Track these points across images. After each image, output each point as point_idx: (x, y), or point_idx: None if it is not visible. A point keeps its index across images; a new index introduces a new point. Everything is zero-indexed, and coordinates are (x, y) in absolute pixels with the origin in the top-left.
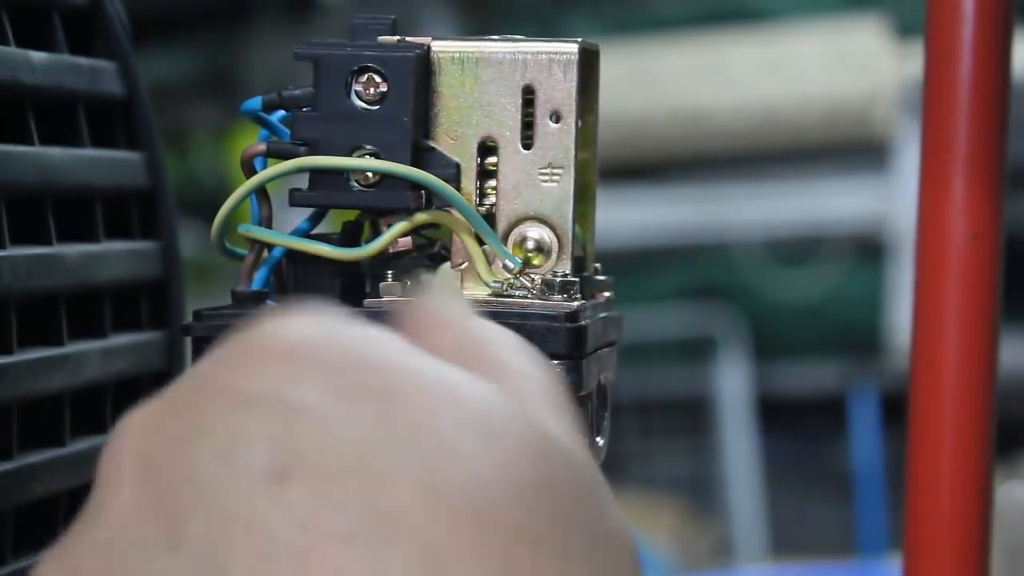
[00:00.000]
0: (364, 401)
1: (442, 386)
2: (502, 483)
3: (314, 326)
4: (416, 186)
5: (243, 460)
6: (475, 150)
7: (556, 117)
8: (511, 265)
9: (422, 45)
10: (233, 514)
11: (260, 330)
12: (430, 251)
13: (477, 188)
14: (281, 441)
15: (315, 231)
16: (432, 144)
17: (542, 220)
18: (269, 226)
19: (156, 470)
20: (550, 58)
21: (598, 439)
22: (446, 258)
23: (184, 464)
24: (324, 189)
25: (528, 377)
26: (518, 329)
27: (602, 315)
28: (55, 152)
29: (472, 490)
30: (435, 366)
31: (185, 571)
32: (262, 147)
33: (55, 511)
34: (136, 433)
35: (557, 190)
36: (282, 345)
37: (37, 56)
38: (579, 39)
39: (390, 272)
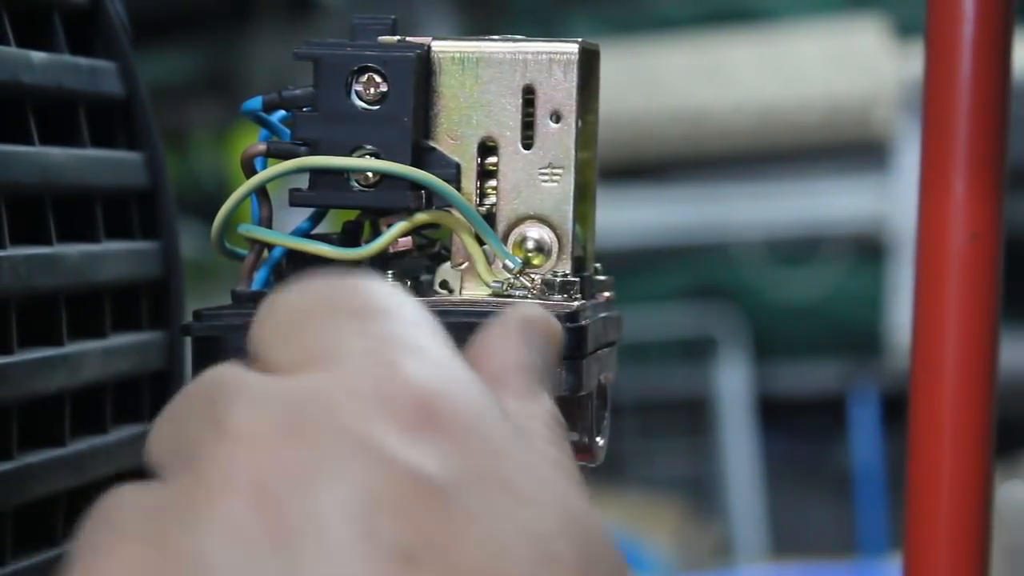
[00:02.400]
0: (499, 495)
1: (557, 490)
2: None
3: (449, 376)
4: (416, 186)
5: (373, 529)
6: (475, 150)
7: (556, 117)
8: (511, 265)
9: (422, 45)
10: None
11: (401, 362)
12: (430, 251)
13: (477, 188)
14: (415, 521)
15: (315, 231)
16: (432, 144)
17: (542, 220)
18: (269, 226)
19: (275, 501)
20: (550, 58)
21: (598, 439)
22: (446, 258)
23: (308, 508)
24: (324, 189)
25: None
26: None
27: (602, 315)
28: (55, 152)
29: None
30: (543, 461)
31: None
32: (262, 147)
33: (55, 511)
34: (256, 443)
35: (557, 190)
36: (423, 396)
37: (37, 56)
38: (579, 39)
39: (390, 272)
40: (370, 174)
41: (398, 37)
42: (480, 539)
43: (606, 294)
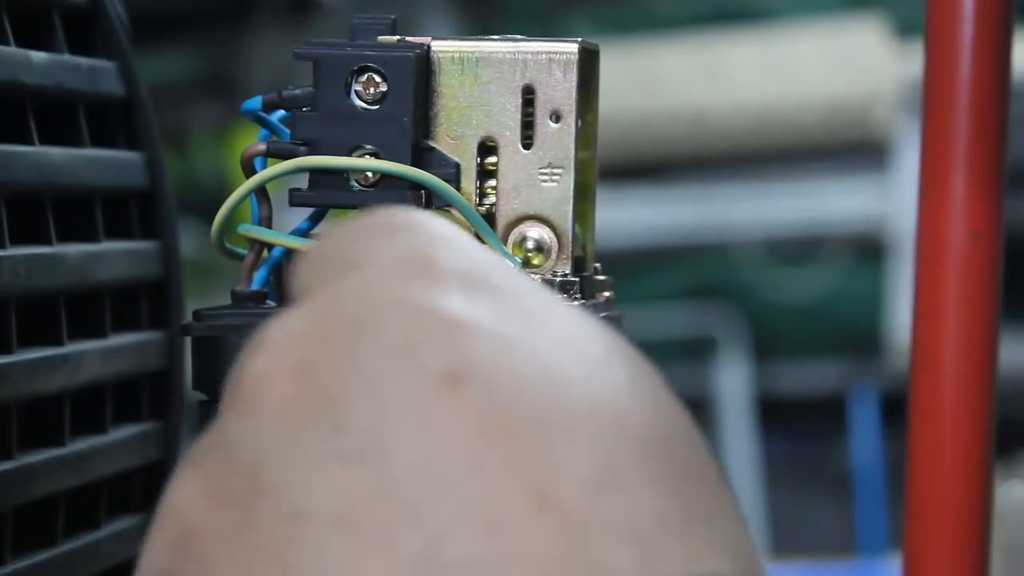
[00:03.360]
0: (540, 325)
1: (582, 322)
2: (655, 412)
3: (482, 257)
4: (416, 186)
5: (417, 359)
6: (475, 150)
7: (556, 117)
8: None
9: (422, 45)
10: (403, 404)
11: (433, 254)
12: None
13: (477, 188)
14: (457, 350)
15: (315, 231)
16: (432, 144)
17: (542, 220)
18: (269, 226)
19: (317, 370)
20: (550, 58)
21: None
22: None
23: (350, 364)
24: (324, 189)
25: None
26: None
27: (602, 315)
28: (55, 152)
29: (641, 417)
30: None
31: (345, 454)
32: (262, 147)
33: (55, 511)
34: (287, 343)
35: (557, 190)
36: (454, 271)
37: (37, 56)
38: (579, 39)
39: None
40: (370, 174)
41: (398, 37)
42: (526, 354)
43: (606, 294)
